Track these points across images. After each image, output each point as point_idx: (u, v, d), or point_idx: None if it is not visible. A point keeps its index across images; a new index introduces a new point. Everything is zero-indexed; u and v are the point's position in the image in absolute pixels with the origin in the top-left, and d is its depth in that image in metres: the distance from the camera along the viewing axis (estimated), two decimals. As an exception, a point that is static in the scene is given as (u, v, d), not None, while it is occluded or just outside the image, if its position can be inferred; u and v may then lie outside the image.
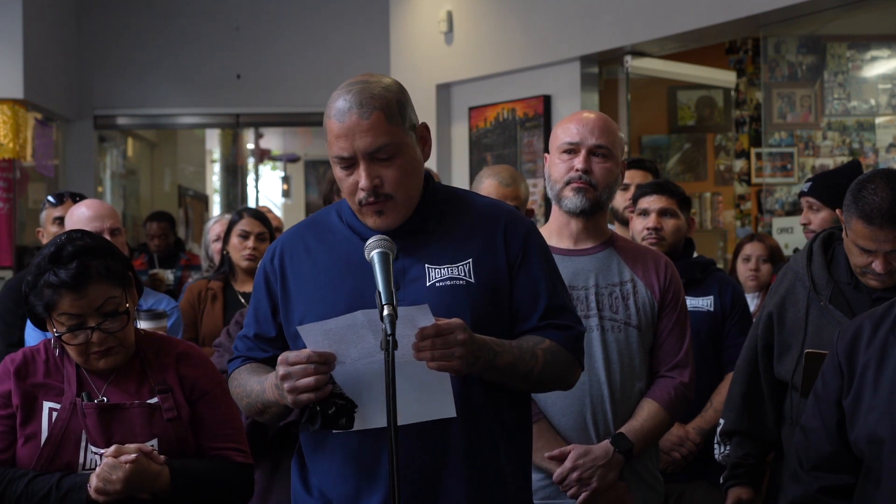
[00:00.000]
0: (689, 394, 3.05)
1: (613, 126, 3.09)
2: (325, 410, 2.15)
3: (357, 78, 2.34)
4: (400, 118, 2.30)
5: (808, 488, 2.53)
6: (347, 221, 2.40)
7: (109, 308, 2.58)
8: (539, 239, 2.45)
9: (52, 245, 2.60)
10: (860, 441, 2.40)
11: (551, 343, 2.35)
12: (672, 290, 3.06)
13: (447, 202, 2.42)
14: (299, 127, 13.23)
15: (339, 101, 2.29)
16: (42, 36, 9.24)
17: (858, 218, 2.83)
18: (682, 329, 3.07)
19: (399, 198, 2.31)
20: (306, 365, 2.14)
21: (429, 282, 2.31)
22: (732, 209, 9.24)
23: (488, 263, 2.35)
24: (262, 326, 2.44)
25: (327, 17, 10.19)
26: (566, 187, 3.03)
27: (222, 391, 2.73)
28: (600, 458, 2.90)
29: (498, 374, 2.28)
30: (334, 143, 2.29)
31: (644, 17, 7.24)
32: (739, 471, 3.26)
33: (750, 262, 5.44)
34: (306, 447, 2.42)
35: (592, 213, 3.04)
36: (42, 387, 2.62)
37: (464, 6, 8.72)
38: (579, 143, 3.03)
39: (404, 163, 2.30)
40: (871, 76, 7.86)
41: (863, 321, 2.50)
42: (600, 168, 3.02)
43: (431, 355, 2.15)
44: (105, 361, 2.62)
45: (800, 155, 7.94)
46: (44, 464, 2.55)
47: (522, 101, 8.22)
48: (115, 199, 11.22)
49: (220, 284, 4.78)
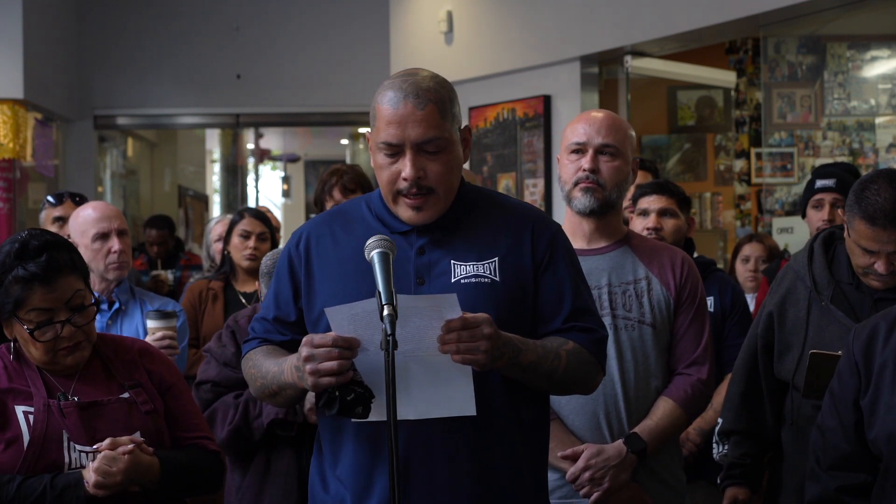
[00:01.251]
0: (708, 391, 3.03)
1: (622, 124, 3.08)
2: (344, 396, 2.14)
3: (409, 70, 2.35)
4: (451, 115, 2.32)
5: (826, 487, 2.53)
6: (377, 213, 2.40)
7: (77, 301, 2.58)
8: (566, 242, 2.45)
9: (14, 242, 2.59)
10: (878, 440, 2.41)
11: (575, 345, 2.35)
12: (689, 287, 3.04)
13: (478, 201, 2.43)
14: (299, 127, 13.22)
15: (394, 90, 2.29)
16: (42, 36, 9.23)
17: (861, 218, 2.83)
18: (700, 325, 3.05)
19: (440, 192, 2.32)
20: (331, 348, 2.14)
21: (454, 278, 2.31)
22: (732, 209, 9.24)
23: (514, 263, 2.35)
24: (282, 310, 2.43)
25: (327, 17, 10.19)
26: (575, 188, 3.03)
27: (184, 384, 2.79)
28: (613, 458, 2.89)
29: (521, 371, 2.28)
30: (383, 128, 2.29)
31: (644, 17, 7.24)
32: (736, 471, 3.25)
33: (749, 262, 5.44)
34: (324, 434, 2.42)
35: (603, 212, 3.03)
36: (9, 392, 2.60)
37: (464, 6, 8.72)
38: (586, 142, 3.03)
39: (449, 159, 2.32)
40: (871, 76, 7.86)
41: (878, 321, 2.51)
42: (608, 167, 3.02)
43: (457, 348, 2.15)
44: (73, 357, 2.61)
45: (800, 155, 7.94)
46: (29, 466, 2.53)
47: (522, 101, 8.22)
48: (115, 199, 11.22)
49: (220, 284, 4.78)
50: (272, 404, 2.53)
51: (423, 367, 2.17)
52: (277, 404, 2.46)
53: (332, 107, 10.51)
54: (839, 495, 2.51)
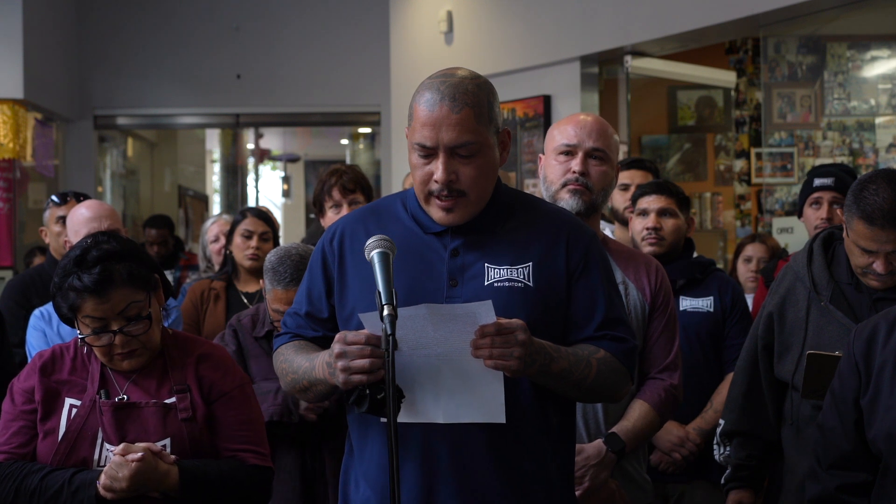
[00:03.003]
0: (679, 396, 3.06)
1: (609, 129, 3.10)
2: (374, 395, 2.14)
3: (448, 70, 2.35)
4: (488, 118, 2.31)
5: (826, 486, 2.54)
6: (412, 212, 2.40)
7: (133, 312, 2.61)
8: (601, 250, 2.45)
9: (78, 248, 2.64)
10: (878, 440, 2.42)
11: (606, 354, 2.35)
12: (663, 294, 3.07)
13: (513, 205, 2.42)
14: (299, 127, 13.22)
15: (432, 90, 2.29)
16: (42, 36, 9.23)
17: (860, 218, 2.83)
18: (672, 332, 3.07)
19: (471, 196, 2.32)
20: (364, 346, 2.15)
21: (487, 281, 2.31)
22: (732, 209, 9.24)
23: (548, 269, 2.35)
24: (314, 306, 2.44)
25: (327, 17, 10.19)
26: (562, 189, 3.04)
27: (243, 393, 2.75)
28: (593, 458, 2.90)
29: (551, 379, 2.28)
30: (419, 129, 2.29)
31: (644, 17, 7.24)
32: (742, 473, 3.25)
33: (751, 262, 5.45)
34: (354, 432, 2.43)
35: (587, 215, 3.04)
36: (66, 383, 2.67)
37: (464, 6, 8.72)
38: (577, 145, 3.04)
39: (483, 163, 2.31)
40: (871, 76, 7.86)
41: (878, 321, 2.51)
42: (597, 171, 3.03)
43: (490, 353, 2.15)
44: (129, 363, 2.66)
45: (800, 155, 7.95)
46: (60, 459, 2.59)
47: (522, 101, 8.22)
48: (115, 199, 11.22)
49: (222, 284, 4.77)
50: (303, 399, 2.54)
51: (455, 372, 2.17)
52: (308, 399, 2.47)
53: (332, 107, 10.52)
54: (839, 494, 2.51)
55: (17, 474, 2.57)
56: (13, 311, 4.27)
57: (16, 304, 4.34)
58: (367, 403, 2.15)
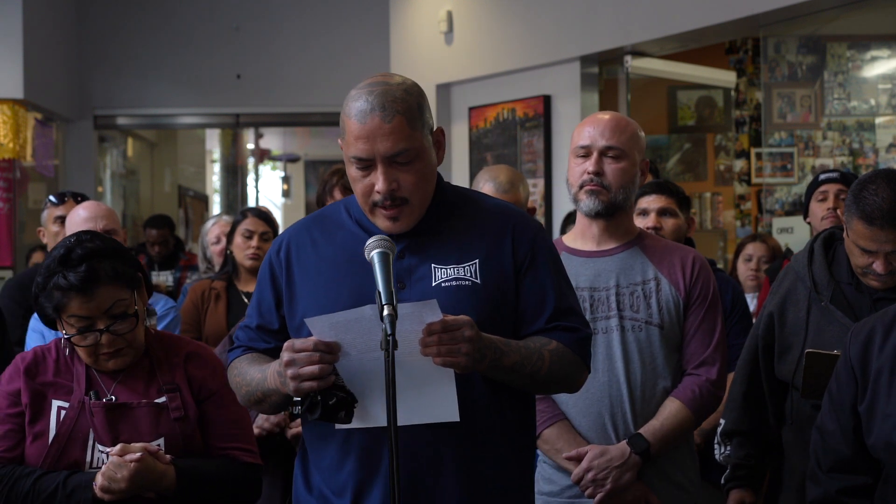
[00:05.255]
0: (718, 391, 3.01)
1: (628, 125, 3.06)
2: (326, 401, 2.14)
3: (376, 78, 2.32)
4: (420, 122, 2.29)
5: (827, 489, 2.53)
6: (356, 218, 2.39)
7: (118, 310, 2.59)
8: (547, 241, 2.44)
9: (62, 247, 2.60)
10: (877, 448, 2.41)
11: (558, 344, 2.34)
12: (700, 286, 3.02)
13: (456, 203, 2.41)
14: (299, 127, 13.22)
15: (360, 102, 2.27)
16: (42, 36, 9.23)
17: (859, 218, 2.83)
18: (711, 325, 3.02)
19: (414, 202, 2.31)
20: (312, 352, 2.14)
21: (434, 281, 2.30)
22: (732, 209, 9.24)
23: (495, 265, 2.34)
24: (265, 318, 2.43)
25: (327, 17, 10.19)
26: (580, 190, 3.03)
27: (230, 391, 2.72)
28: (616, 459, 2.88)
29: (504, 373, 2.27)
30: (353, 143, 2.27)
31: (644, 17, 7.25)
32: (741, 472, 3.25)
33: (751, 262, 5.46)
34: (309, 441, 2.42)
35: (609, 214, 3.03)
36: (51, 385, 2.63)
37: (464, 6, 8.72)
38: (590, 145, 3.02)
39: (422, 167, 2.30)
40: (871, 76, 7.87)
41: (874, 324, 2.50)
42: (612, 169, 3.01)
43: (438, 350, 2.14)
44: (114, 362, 2.63)
45: (800, 155, 7.95)
46: (51, 462, 2.56)
47: (522, 101, 8.22)
48: (115, 199, 11.22)
49: (223, 284, 4.78)
50: (259, 411, 2.51)
51: (406, 373, 2.14)
52: (263, 411, 2.44)
53: (332, 107, 10.40)
54: (840, 497, 2.51)
55: (8, 478, 2.54)
56: (12, 311, 4.26)
57: (15, 303, 4.34)
58: (318, 410, 2.14)
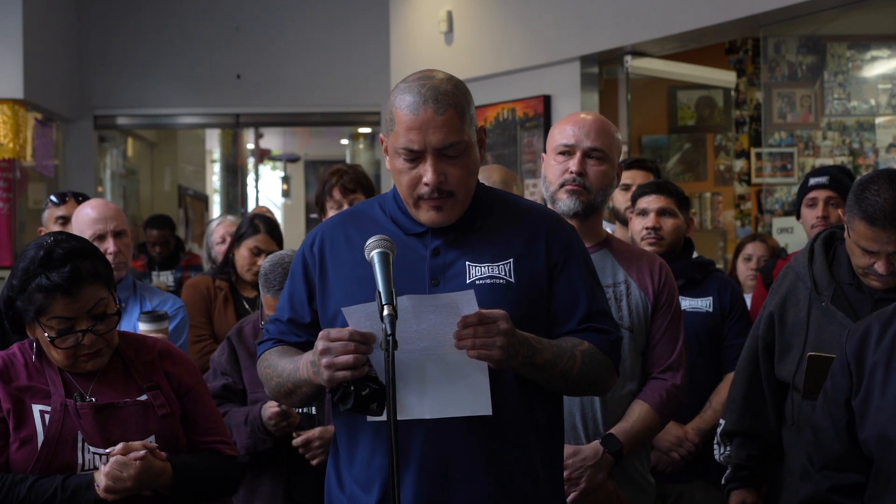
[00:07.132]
0: (682, 396, 3.05)
1: (610, 128, 3.08)
2: (359, 391, 2.14)
3: (424, 73, 2.36)
4: (469, 117, 2.33)
5: (818, 487, 2.54)
6: (391, 214, 2.41)
7: (100, 310, 2.58)
8: (581, 244, 2.46)
9: (39, 248, 2.57)
10: (869, 442, 2.41)
11: (590, 345, 2.36)
12: (666, 292, 3.05)
13: (491, 203, 2.43)
14: (299, 127, 13.22)
15: (412, 94, 2.29)
16: (42, 36, 9.23)
17: (861, 219, 2.83)
18: (676, 331, 3.06)
19: (459, 196, 2.33)
20: (347, 342, 2.15)
21: (469, 279, 2.32)
22: (732, 209, 9.24)
23: (529, 264, 2.36)
24: (296, 311, 2.44)
25: (327, 17, 10.19)
26: (560, 189, 3.03)
27: (204, 387, 2.78)
28: (589, 459, 2.89)
29: (536, 371, 2.28)
30: (403, 134, 2.29)
31: (644, 17, 7.25)
32: (743, 473, 3.25)
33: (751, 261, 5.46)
34: (340, 437, 2.42)
35: (586, 215, 3.04)
36: (28, 390, 2.60)
37: (464, 6, 8.72)
38: (574, 145, 3.03)
39: (468, 162, 2.33)
40: (871, 76, 7.87)
41: (871, 322, 2.51)
42: (595, 171, 3.02)
43: (472, 343, 2.15)
44: (93, 363, 2.62)
45: (800, 155, 7.95)
46: (42, 466, 2.54)
47: (522, 101, 8.22)
48: (115, 199, 11.22)
49: (227, 286, 4.73)
50: (287, 404, 2.54)
51: (440, 366, 2.16)
52: (293, 403, 2.47)
53: (332, 107, 10.52)
54: (831, 495, 2.51)
55: (1, 486, 2.51)
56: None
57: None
58: (351, 400, 2.15)
